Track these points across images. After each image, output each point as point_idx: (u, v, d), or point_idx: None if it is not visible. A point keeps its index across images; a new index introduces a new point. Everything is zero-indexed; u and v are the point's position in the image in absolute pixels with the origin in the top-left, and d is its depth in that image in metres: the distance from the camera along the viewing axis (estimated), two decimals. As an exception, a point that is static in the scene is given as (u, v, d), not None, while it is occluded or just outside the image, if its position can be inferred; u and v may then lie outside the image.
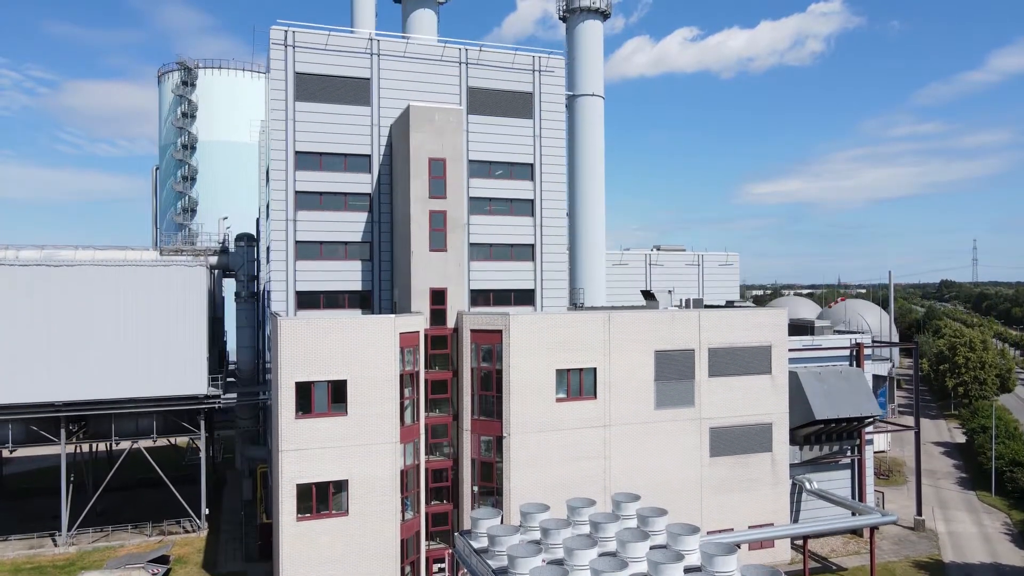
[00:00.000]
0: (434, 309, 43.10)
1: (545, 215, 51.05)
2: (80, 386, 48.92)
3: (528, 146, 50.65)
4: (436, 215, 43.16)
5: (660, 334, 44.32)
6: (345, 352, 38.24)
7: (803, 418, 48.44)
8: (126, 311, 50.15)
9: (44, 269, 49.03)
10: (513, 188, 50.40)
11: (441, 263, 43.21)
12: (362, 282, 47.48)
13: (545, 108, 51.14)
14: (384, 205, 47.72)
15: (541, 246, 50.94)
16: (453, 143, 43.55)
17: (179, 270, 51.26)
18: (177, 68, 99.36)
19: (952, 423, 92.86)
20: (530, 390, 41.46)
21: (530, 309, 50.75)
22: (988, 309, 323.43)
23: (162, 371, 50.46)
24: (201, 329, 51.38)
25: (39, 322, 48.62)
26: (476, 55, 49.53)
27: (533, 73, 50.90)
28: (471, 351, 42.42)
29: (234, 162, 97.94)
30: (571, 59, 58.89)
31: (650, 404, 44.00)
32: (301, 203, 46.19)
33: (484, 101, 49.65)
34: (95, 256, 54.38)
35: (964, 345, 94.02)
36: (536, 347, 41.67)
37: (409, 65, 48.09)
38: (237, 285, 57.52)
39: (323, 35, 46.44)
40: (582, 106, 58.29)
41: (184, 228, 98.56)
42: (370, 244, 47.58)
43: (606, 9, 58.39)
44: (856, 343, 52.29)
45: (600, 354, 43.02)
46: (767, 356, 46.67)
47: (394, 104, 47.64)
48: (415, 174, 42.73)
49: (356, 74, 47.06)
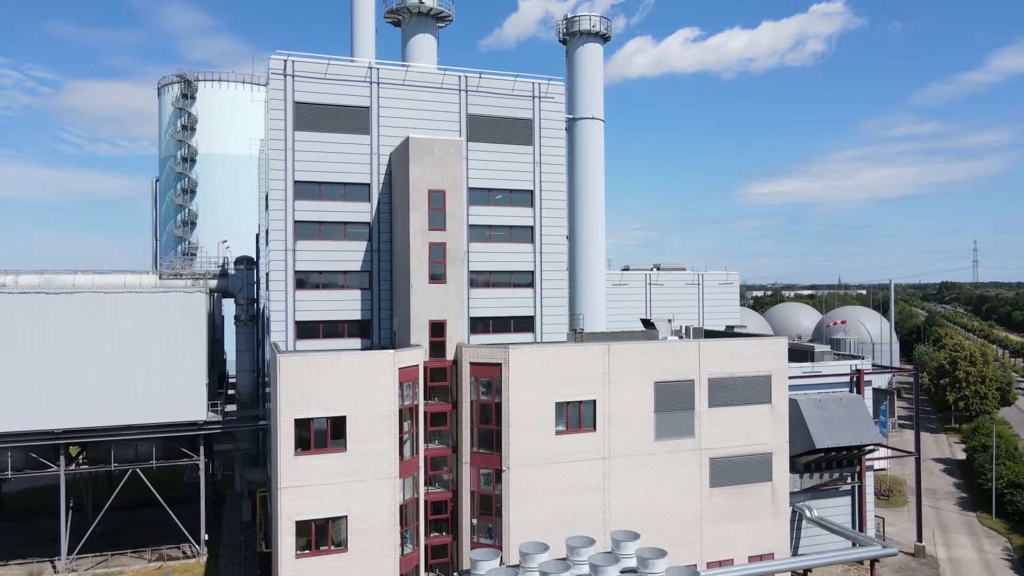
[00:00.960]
0: (433, 341, 43.02)
1: (545, 242, 50.95)
2: (79, 413, 48.94)
3: (528, 173, 50.55)
4: (436, 247, 43.05)
5: (660, 365, 44.24)
6: (344, 388, 38.15)
7: (803, 446, 48.36)
8: (125, 338, 50.13)
9: (43, 297, 49.01)
10: (513, 215, 50.30)
11: (441, 295, 43.11)
12: (361, 311, 47.41)
13: (545, 134, 51.03)
14: (384, 234, 47.63)
15: (541, 273, 50.84)
16: (453, 175, 43.46)
17: (178, 296, 51.22)
18: (177, 80, 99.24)
19: (952, 437, 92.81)
20: (529, 423, 41.40)
21: (530, 336, 50.69)
22: (988, 312, 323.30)
23: (161, 397, 50.45)
24: (200, 355, 51.37)
25: (38, 349, 48.62)
26: (476, 82, 49.43)
27: (533, 99, 50.79)
28: (470, 384, 42.33)
29: (234, 175, 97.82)
30: (571, 82, 58.78)
31: (650, 435, 43.92)
32: (300, 232, 46.09)
33: (484, 128, 49.55)
34: (95, 282, 54.37)
35: (965, 359, 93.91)
36: (535, 380, 41.60)
37: (409, 93, 47.99)
38: (237, 308, 57.48)
39: (323, 64, 46.35)
40: (582, 129, 58.20)
41: (184, 241, 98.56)
42: (370, 273, 47.48)
43: (606, 32, 58.26)
44: (856, 369, 52.19)
45: (600, 386, 42.95)
46: (767, 385, 46.58)
47: (394, 132, 47.53)
48: (414, 206, 42.63)
49: (356, 103, 46.96)
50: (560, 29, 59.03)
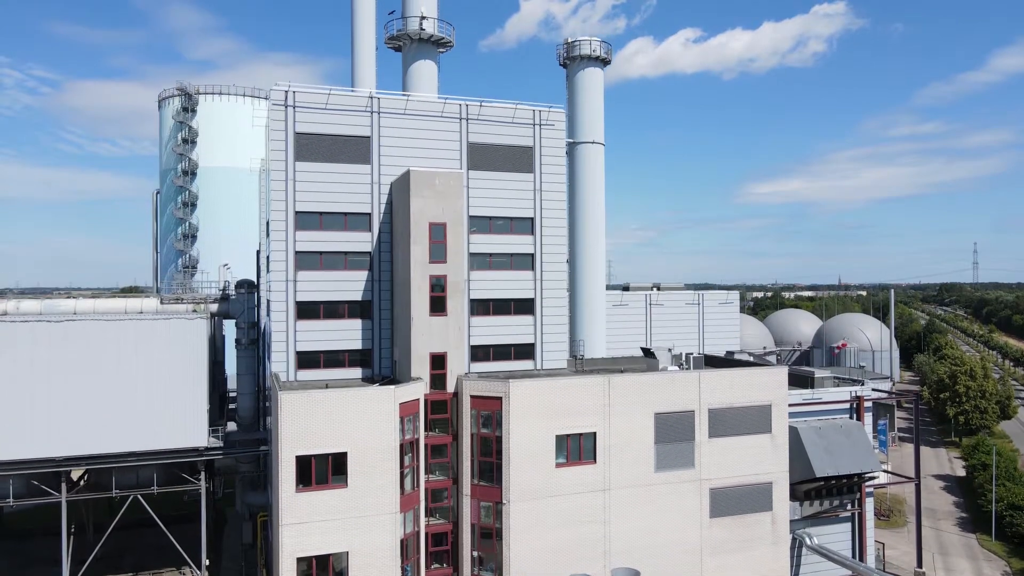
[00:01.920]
0: (434, 374, 43.11)
1: (546, 269, 51.00)
2: (80, 440, 48.90)
3: (528, 200, 50.60)
4: (436, 280, 43.13)
5: (660, 396, 44.33)
6: (345, 424, 38.24)
7: (803, 474, 48.44)
8: (126, 364, 50.08)
9: (44, 325, 48.99)
10: (513, 243, 50.33)
11: (441, 328, 43.18)
12: (362, 340, 47.47)
13: (546, 161, 51.08)
14: (385, 263, 47.69)
15: (541, 300, 50.88)
16: (454, 207, 43.52)
17: (179, 323, 51.21)
18: (177, 94, 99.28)
19: (952, 452, 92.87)
20: (530, 456, 41.51)
21: (530, 363, 50.75)
22: (989, 315, 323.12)
23: (162, 424, 50.41)
24: (202, 381, 51.35)
25: (39, 377, 48.59)
26: (476, 111, 49.47)
27: (533, 127, 50.83)
28: (471, 417, 42.43)
29: (235, 188, 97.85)
30: (571, 106, 58.84)
31: (650, 467, 44.02)
32: (301, 263, 46.16)
33: (484, 156, 49.60)
34: (95, 307, 54.42)
35: (965, 374, 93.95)
36: (536, 413, 41.70)
37: (409, 122, 48.04)
38: (238, 332, 57.47)
39: (323, 94, 46.40)
40: (582, 154, 58.24)
41: (184, 254, 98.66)
42: (370, 302, 47.55)
43: (606, 56, 58.29)
44: (856, 396, 52.26)
45: (600, 418, 43.05)
46: (767, 415, 46.68)
47: (394, 161, 47.59)
48: (415, 239, 42.70)
49: (356, 132, 47.01)
50: (560, 53, 59.10)
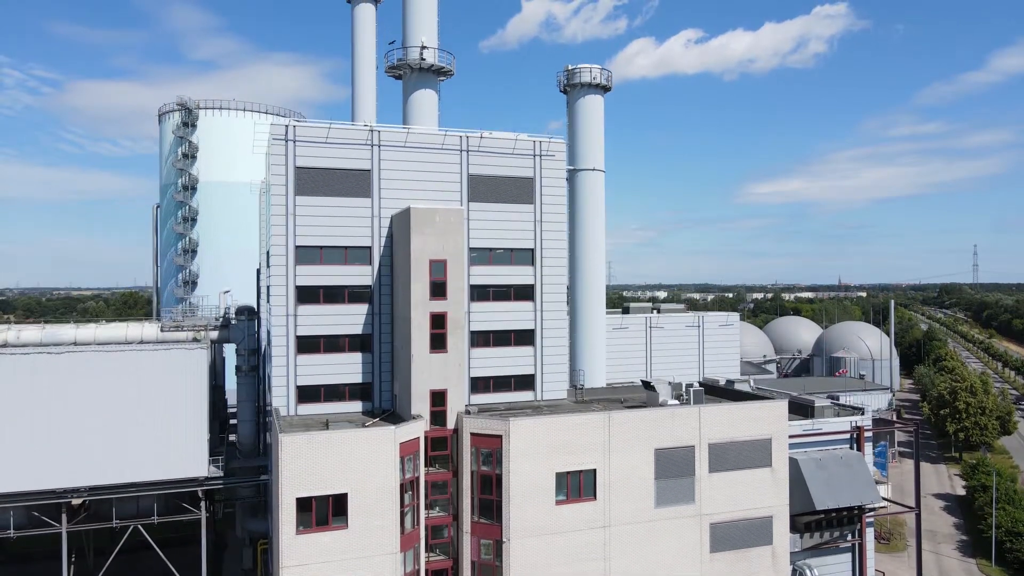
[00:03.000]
0: (434, 411, 43.12)
1: (546, 300, 50.96)
2: (81, 471, 48.98)
3: (529, 231, 50.56)
4: (437, 317, 43.11)
5: (660, 432, 44.34)
6: (346, 465, 38.24)
7: (803, 507, 48.47)
8: (127, 395, 50.15)
9: (45, 357, 49.05)
10: (514, 274, 50.29)
11: (441, 365, 43.18)
12: (363, 374, 47.45)
13: (546, 192, 51.04)
14: (385, 296, 47.66)
15: (542, 331, 50.85)
16: (455, 243, 43.50)
17: (180, 353, 51.27)
18: (178, 108, 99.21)
19: (952, 468, 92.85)
20: (530, 493, 41.51)
21: (530, 394, 50.74)
22: (989, 319, 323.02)
23: (163, 454, 50.45)
24: (202, 411, 51.41)
25: (40, 408, 48.67)
26: (477, 142, 49.44)
27: (534, 158, 50.80)
28: (471, 454, 42.44)
29: (235, 203, 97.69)
30: (571, 132, 58.76)
31: (650, 503, 44.03)
32: (301, 297, 46.14)
33: (485, 188, 49.57)
34: (96, 335, 54.48)
35: (965, 390, 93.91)
36: (536, 451, 41.71)
37: (410, 155, 47.99)
38: (238, 359, 57.49)
39: (323, 128, 46.37)
40: (582, 181, 58.19)
41: (184, 269, 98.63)
42: (371, 336, 47.52)
43: (607, 84, 58.19)
44: (856, 426, 52.26)
45: (600, 455, 43.05)
46: (767, 449, 46.68)
47: (395, 194, 47.56)
48: (415, 277, 42.68)
49: (357, 166, 46.97)
50: (561, 80, 59.00)
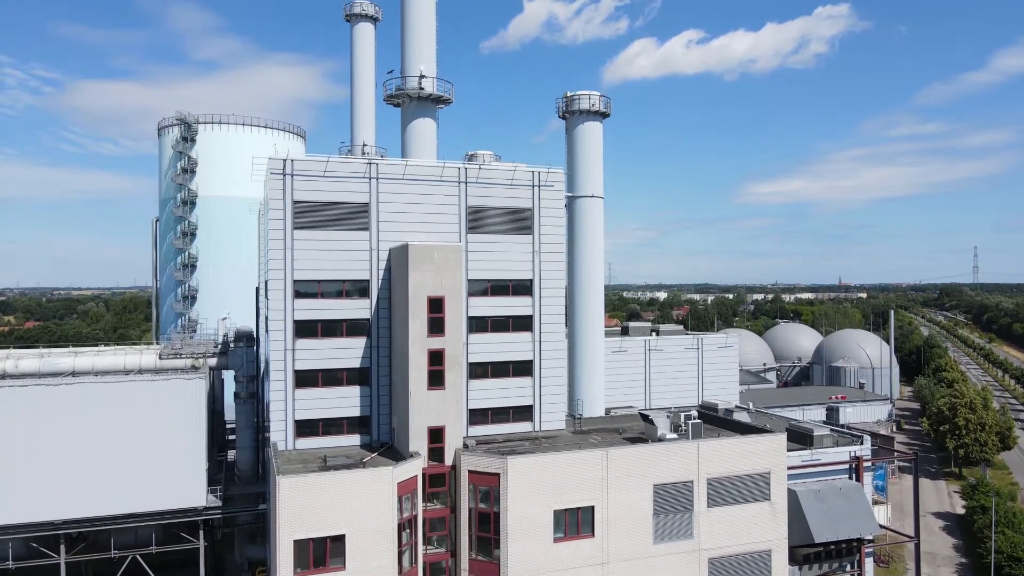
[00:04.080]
0: (432, 447, 43.10)
1: (544, 330, 50.94)
2: (79, 503, 48.97)
3: (527, 262, 50.52)
4: (435, 354, 43.07)
5: (659, 468, 44.28)
6: (343, 506, 38.21)
7: (802, 538, 48.39)
8: (125, 426, 50.08)
9: (43, 389, 48.98)
10: (512, 305, 50.27)
11: (439, 402, 43.15)
12: (361, 407, 47.42)
13: (545, 223, 50.99)
14: (383, 329, 47.61)
15: (540, 361, 50.83)
16: (453, 280, 43.46)
17: (178, 384, 51.22)
18: (177, 123, 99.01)
19: (952, 485, 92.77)
20: (528, 531, 41.47)
21: (528, 425, 50.72)
22: (989, 323, 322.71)
23: (161, 485, 50.41)
24: (200, 441, 51.35)
25: (38, 440, 48.61)
26: (475, 173, 49.38)
27: (533, 188, 50.75)
28: (469, 491, 42.40)
29: (234, 217, 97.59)
30: (570, 159, 58.71)
31: (648, 539, 43.98)
32: (300, 331, 46.11)
33: (484, 219, 49.51)
34: (95, 363, 54.45)
35: (965, 406, 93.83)
36: (534, 488, 41.66)
37: (408, 187, 47.94)
38: (236, 386, 57.43)
39: (321, 161, 46.30)
40: (581, 207, 58.12)
41: (183, 284, 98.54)
42: (369, 369, 47.49)
43: (605, 110, 58.10)
44: (855, 456, 52.17)
45: (598, 491, 43.00)
46: (766, 482, 46.64)
47: (393, 227, 47.52)
48: (413, 314, 42.64)
49: (355, 199, 46.92)
50: (560, 106, 58.92)
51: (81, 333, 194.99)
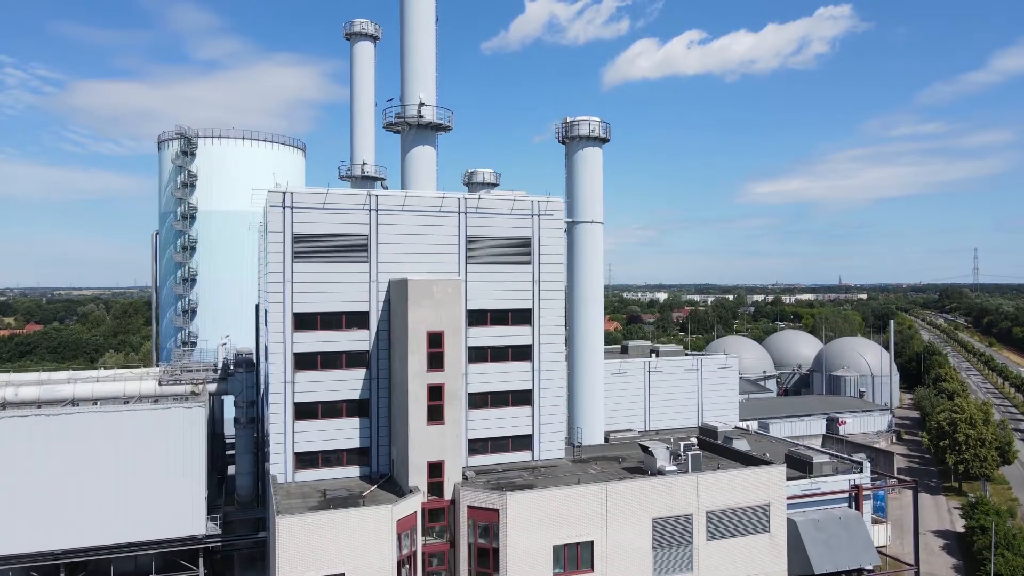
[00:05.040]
0: (431, 482, 43.12)
1: (544, 359, 50.93)
2: (79, 533, 48.98)
3: (527, 291, 50.52)
4: (434, 388, 43.07)
5: (658, 502, 44.30)
6: (343, 545, 38.24)
7: (802, 569, 48.46)
8: (124, 455, 50.06)
9: (42, 419, 48.96)
10: (512, 334, 50.28)
11: (439, 436, 43.15)
12: (360, 439, 47.44)
13: (544, 251, 50.97)
14: (383, 360, 47.59)
15: (539, 390, 50.84)
16: (452, 315, 43.44)
17: (177, 412, 51.15)
18: (177, 137, 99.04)
19: (952, 500, 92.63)
20: (527, 567, 41.51)
21: (528, 455, 50.75)
22: (989, 326, 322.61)
23: (161, 513, 50.41)
24: (200, 469, 51.29)
25: (38, 470, 48.60)
26: (475, 203, 49.35)
27: (532, 217, 50.72)
28: (468, 526, 42.42)
29: (234, 231, 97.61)
30: (570, 184, 58.62)
31: (648, 573, 44.00)
32: (299, 364, 46.12)
33: (483, 249, 49.49)
34: (94, 391, 54.45)
35: (965, 422, 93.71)
36: (534, 523, 41.70)
37: (408, 218, 47.93)
38: (236, 411, 57.39)
39: (321, 194, 46.28)
40: (581, 233, 57.96)
41: (183, 298, 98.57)
42: (368, 401, 47.48)
43: (605, 135, 57.99)
44: (855, 484, 52.20)
45: (597, 526, 43.03)
46: (765, 514, 46.64)
47: (393, 258, 47.52)
48: (412, 349, 42.63)
49: (355, 231, 46.90)
50: (559, 132, 58.80)
51: (81, 339, 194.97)
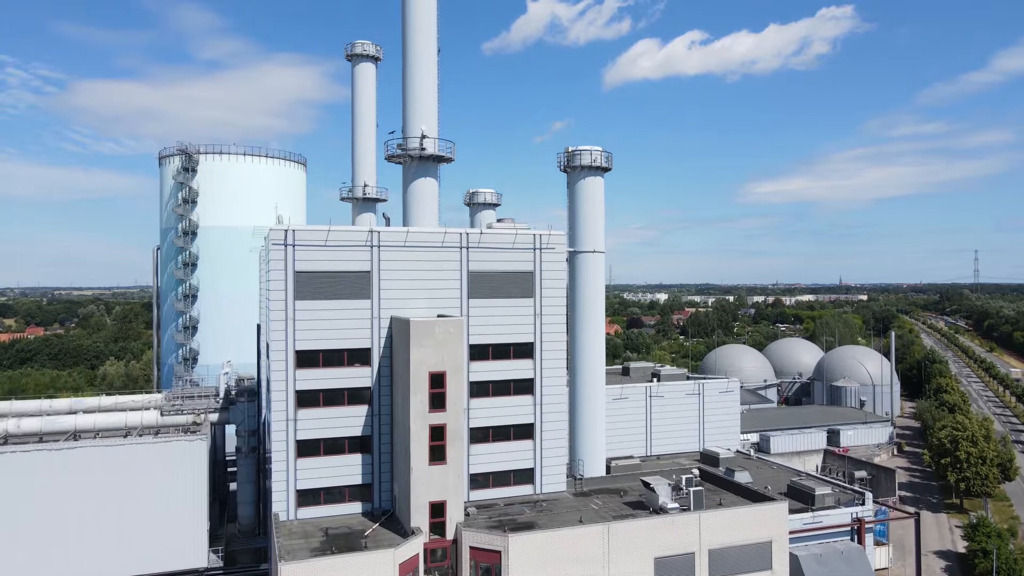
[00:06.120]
0: (433, 522, 43.12)
1: (545, 392, 50.91)
2: (80, 566, 49.01)
3: (528, 325, 50.49)
4: (436, 429, 43.06)
5: (660, 541, 44.30)
6: (345, 590, 38.22)
7: (803, 604, 48.43)
8: (126, 487, 50.05)
9: (44, 454, 48.95)
10: (514, 368, 50.27)
11: (440, 476, 43.13)
12: (363, 475, 47.43)
13: (546, 285, 50.94)
14: (384, 397, 47.58)
15: (541, 424, 50.83)
16: (454, 355, 43.40)
17: (179, 445, 51.12)
18: (178, 153, 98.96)
19: (954, 519, 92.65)
20: (530, 608, 41.49)
21: (529, 488, 50.74)
22: (990, 330, 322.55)
23: (162, 546, 50.39)
24: (201, 502, 51.28)
25: (40, 504, 48.61)
26: (477, 238, 49.32)
27: (534, 251, 50.68)
28: (471, 567, 42.42)
29: (235, 248, 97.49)
30: (572, 214, 58.51)
31: (650, 612, 43.97)
32: (302, 401, 46.13)
33: (485, 284, 49.47)
34: (96, 422, 54.46)
35: (966, 439, 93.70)
36: (536, 564, 41.69)
37: (409, 254, 47.90)
38: (238, 440, 57.41)
39: (323, 231, 46.23)
40: (582, 263, 57.85)
41: (184, 315, 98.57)
42: (370, 437, 47.47)
43: (607, 165, 57.88)
44: (857, 518, 52.19)
45: (600, 566, 43.02)
46: (767, 551, 46.61)
47: (395, 294, 47.48)
48: (415, 389, 42.61)
49: (356, 268, 46.86)
50: (561, 161, 58.68)
51: (82, 346, 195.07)
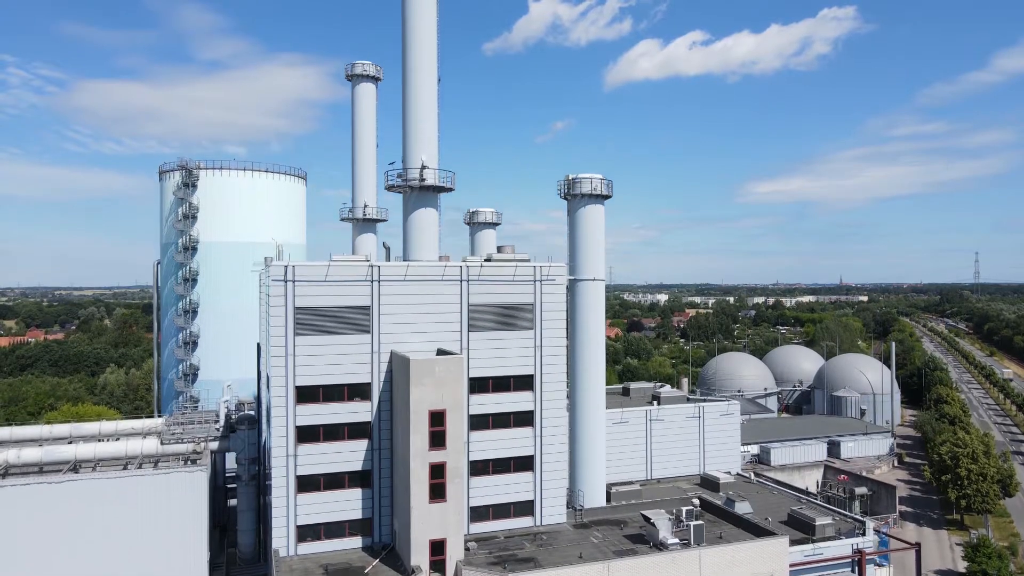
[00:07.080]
0: (433, 560, 43.05)
1: (546, 424, 50.87)
2: (81, 599, 48.97)
3: (529, 357, 50.44)
4: (436, 467, 43.00)
5: (661, 578, 44.21)
6: (345, 633, 38.19)
7: (803, 637, 48.39)
8: (125, 519, 49.91)
9: (44, 487, 48.89)
10: (514, 400, 50.24)
11: (440, 514, 43.09)
12: (363, 510, 47.39)
13: (546, 317, 50.89)
14: (384, 431, 47.55)
15: (541, 456, 50.79)
16: (454, 394, 43.34)
17: (179, 477, 51.04)
18: (178, 169, 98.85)
19: (954, 536, 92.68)
20: (530, 647, 41.45)
21: (529, 520, 50.71)
22: (990, 333, 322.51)
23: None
24: (201, 532, 51.23)
25: (39, 537, 48.54)
26: (477, 271, 49.27)
27: (534, 283, 50.63)
28: (471, 605, 42.36)
29: (235, 263, 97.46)
30: (572, 242, 58.35)
31: (650, 649, 43.95)
32: (302, 436, 46.10)
33: (485, 316, 49.42)
34: (96, 452, 54.42)
35: (967, 456, 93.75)
36: (536, 604, 41.64)
37: (410, 288, 47.84)
38: (238, 468, 57.36)
39: (322, 266, 46.17)
40: (582, 291, 57.63)
41: (184, 330, 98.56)
42: (370, 472, 47.44)
43: (607, 192, 57.77)
44: (858, 549, 52.11)
45: (600, 604, 42.94)
46: (768, 586, 46.55)
47: (395, 328, 47.43)
48: (415, 428, 42.56)
49: (357, 303, 46.81)
50: (562, 188, 58.53)
51: (83, 352, 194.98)
